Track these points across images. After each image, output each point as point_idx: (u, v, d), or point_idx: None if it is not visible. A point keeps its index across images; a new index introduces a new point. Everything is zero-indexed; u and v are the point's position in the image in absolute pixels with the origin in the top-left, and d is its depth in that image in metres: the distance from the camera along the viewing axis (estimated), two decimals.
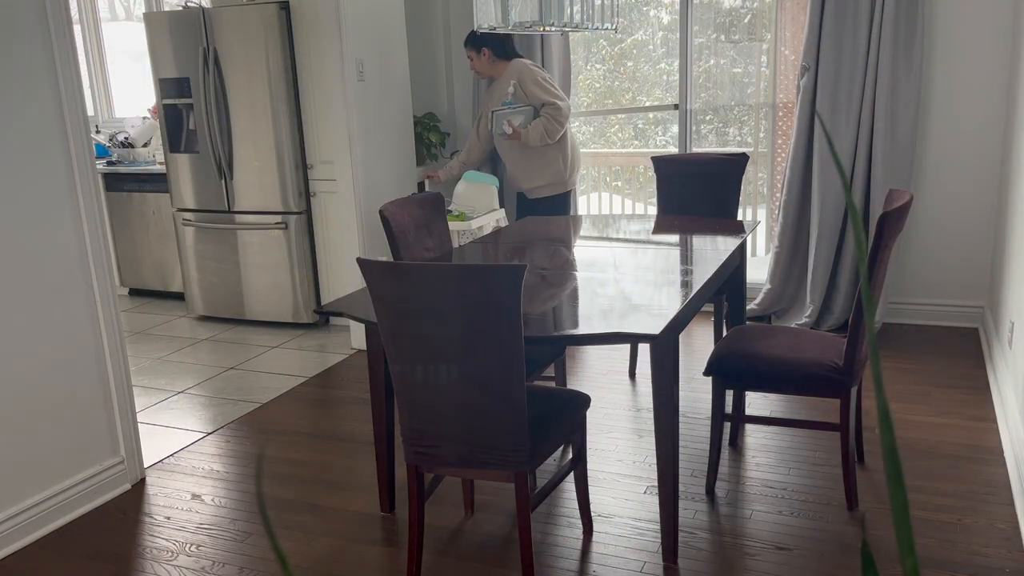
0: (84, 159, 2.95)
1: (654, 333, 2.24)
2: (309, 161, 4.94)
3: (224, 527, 2.87)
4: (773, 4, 5.32)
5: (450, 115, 5.51)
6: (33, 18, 2.78)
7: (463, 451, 2.30)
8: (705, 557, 2.56)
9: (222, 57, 4.84)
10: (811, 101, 4.45)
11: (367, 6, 4.46)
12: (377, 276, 2.18)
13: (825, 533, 2.65)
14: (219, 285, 5.24)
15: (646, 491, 2.97)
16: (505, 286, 2.07)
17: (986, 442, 3.19)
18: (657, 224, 3.82)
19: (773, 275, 4.71)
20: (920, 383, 3.79)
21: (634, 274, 2.91)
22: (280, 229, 4.95)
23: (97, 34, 6.57)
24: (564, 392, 2.62)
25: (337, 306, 2.70)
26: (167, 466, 3.36)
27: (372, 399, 2.83)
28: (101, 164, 5.91)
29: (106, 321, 3.06)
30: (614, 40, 5.96)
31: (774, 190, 5.67)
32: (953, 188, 4.42)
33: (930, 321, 4.58)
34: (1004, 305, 3.67)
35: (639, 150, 6.50)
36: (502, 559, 2.60)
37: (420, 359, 2.23)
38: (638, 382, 4.00)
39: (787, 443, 3.27)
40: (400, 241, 3.18)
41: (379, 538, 2.76)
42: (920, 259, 4.55)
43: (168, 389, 4.20)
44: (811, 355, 2.77)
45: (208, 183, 5.11)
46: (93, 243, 3.00)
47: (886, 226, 2.54)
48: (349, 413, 3.80)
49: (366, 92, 4.49)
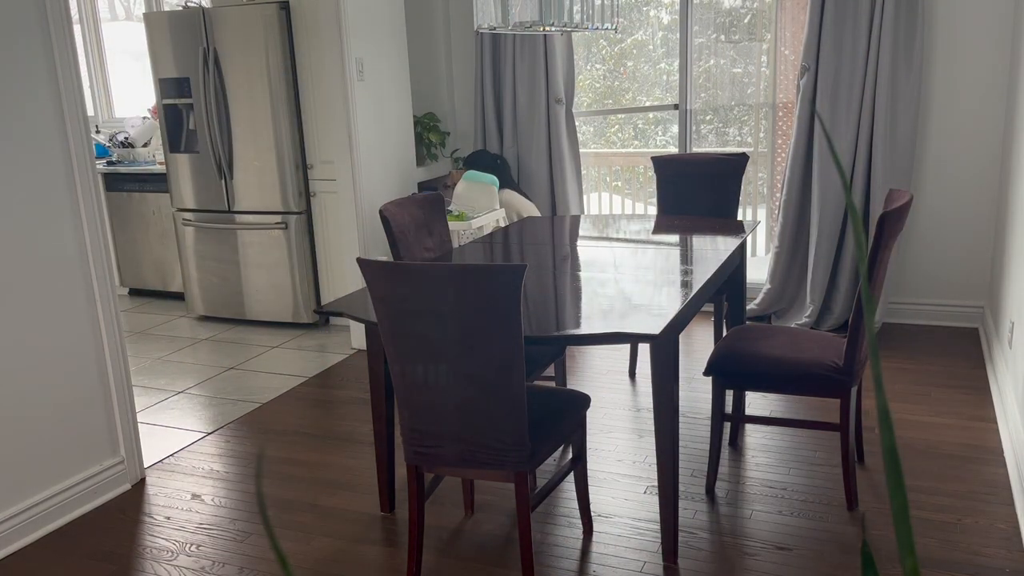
0: (84, 159, 2.95)
1: (654, 333, 2.24)
2: (309, 161, 4.94)
3: (224, 527, 2.87)
4: (773, 4, 5.32)
5: (450, 115, 5.51)
6: (33, 18, 2.78)
7: (463, 451, 2.30)
8: (705, 557, 2.56)
9: (222, 57, 4.84)
10: (811, 101, 4.45)
11: (367, 6, 4.46)
12: (377, 276, 2.18)
13: (825, 533, 2.65)
14: (219, 285, 5.24)
15: (646, 491, 2.97)
16: (505, 286, 2.07)
17: (986, 442, 3.19)
18: (657, 224, 3.82)
19: (773, 275, 4.71)
20: (920, 383, 3.79)
21: (634, 274, 2.91)
22: (280, 229, 4.95)
23: (97, 34, 6.57)
24: (564, 392, 2.62)
25: (337, 306, 2.70)
26: (167, 466, 3.36)
27: (372, 399, 2.83)
28: (101, 164, 5.91)
29: (106, 321, 3.06)
30: (614, 40, 5.96)
31: (774, 190, 5.67)
32: (953, 188, 4.42)
33: (930, 321, 4.58)
34: (1004, 305, 3.67)
35: (639, 150, 6.50)
36: (502, 559, 2.60)
37: (420, 359, 2.23)
38: (638, 382, 4.00)
39: (787, 443, 3.27)
40: (400, 241, 3.18)
41: (379, 538, 2.76)
42: (920, 259, 4.55)
43: (168, 389, 4.20)
44: (811, 355, 2.77)
45: (208, 183, 5.11)
46: (93, 243, 3.00)
47: (886, 226, 2.54)
48: (349, 413, 3.80)
49: (366, 92, 4.49)
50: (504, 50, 5.15)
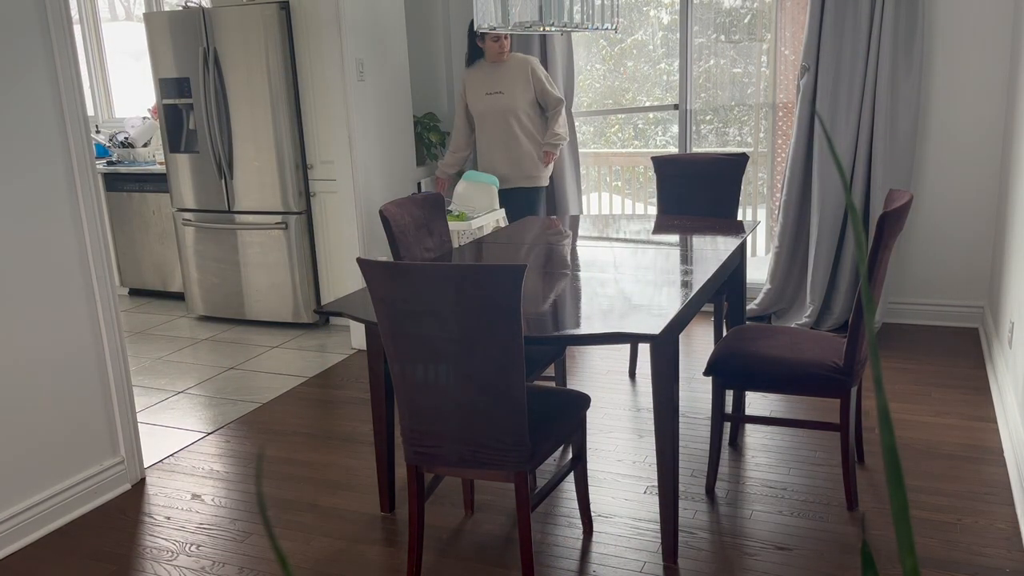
0: (84, 159, 2.95)
1: (654, 333, 2.24)
2: (309, 161, 4.94)
3: (224, 527, 2.87)
4: (773, 4, 5.32)
5: (450, 115, 5.51)
6: (33, 18, 2.78)
7: (463, 451, 2.30)
8: (705, 557, 2.56)
9: (222, 57, 4.84)
10: (811, 101, 4.45)
11: (367, 6, 4.46)
12: (377, 276, 2.18)
13: (825, 533, 2.65)
14: (219, 285, 5.24)
15: (646, 491, 2.97)
16: (505, 286, 2.07)
17: (986, 442, 3.19)
18: (657, 224, 3.82)
19: (773, 275, 4.71)
20: (920, 383, 3.79)
21: (634, 274, 2.91)
22: (280, 229, 4.96)
23: (97, 34, 6.57)
24: (564, 392, 2.62)
25: (337, 306, 2.70)
26: (167, 466, 3.36)
27: (372, 399, 2.83)
28: (101, 164, 5.91)
29: (106, 321, 3.06)
30: (614, 40, 5.96)
31: (774, 190, 5.67)
32: (953, 188, 4.42)
33: (930, 321, 4.58)
34: (1004, 305, 3.67)
35: (639, 150, 6.50)
36: (502, 559, 2.60)
37: (420, 359, 2.23)
38: (638, 382, 4.00)
39: (787, 443, 3.27)
40: (400, 241, 3.18)
41: (379, 538, 2.76)
42: (920, 259, 4.55)
43: (168, 389, 4.20)
44: (811, 355, 2.77)
45: (208, 183, 5.11)
46: (93, 243, 3.00)
47: (886, 226, 2.54)
48: (349, 413, 3.80)
49: (366, 92, 4.49)
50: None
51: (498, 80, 4.66)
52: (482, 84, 4.70)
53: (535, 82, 4.64)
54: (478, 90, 4.71)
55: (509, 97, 4.64)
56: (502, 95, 4.65)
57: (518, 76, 4.63)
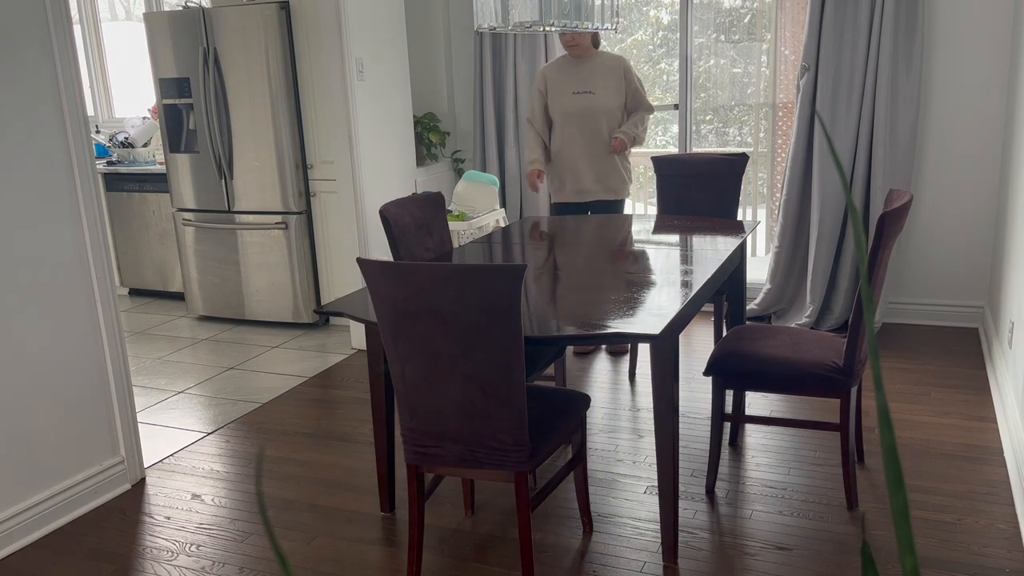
0: (84, 159, 2.95)
1: (654, 333, 2.24)
2: (309, 161, 4.94)
3: (224, 527, 2.87)
4: (773, 4, 5.32)
5: (450, 115, 5.51)
6: (33, 18, 2.78)
7: (463, 451, 2.30)
8: (705, 557, 2.56)
9: (222, 57, 4.84)
10: (811, 101, 4.45)
11: (367, 6, 4.46)
12: (377, 276, 2.18)
13: (825, 533, 2.65)
14: (219, 285, 5.24)
15: (646, 491, 2.97)
16: (505, 286, 2.07)
17: (986, 442, 3.19)
18: (657, 224, 3.82)
19: (773, 275, 4.71)
20: (920, 383, 3.79)
21: (634, 274, 2.91)
22: (280, 229, 4.95)
23: (97, 34, 6.57)
24: (564, 392, 2.62)
25: (337, 306, 2.70)
26: (167, 466, 3.36)
27: (372, 399, 2.83)
28: (101, 164, 5.91)
29: (106, 321, 3.06)
30: (614, 40, 5.96)
31: (774, 190, 5.67)
32: (953, 188, 4.42)
33: (930, 321, 4.58)
34: (1004, 305, 3.67)
35: (639, 150, 6.49)
36: (502, 559, 2.60)
37: (420, 359, 2.23)
38: (638, 382, 4.00)
39: (787, 443, 3.27)
40: (400, 241, 3.18)
41: (379, 538, 2.76)
42: (920, 259, 4.55)
43: (168, 389, 4.20)
44: (811, 355, 2.77)
45: (208, 183, 5.11)
46: (93, 243, 3.00)
47: (886, 226, 2.54)
48: (349, 413, 3.80)
49: (366, 92, 4.49)
50: (504, 50, 5.15)
51: (587, 78, 4.15)
52: (568, 82, 4.18)
53: (627, 84, 4.17)
54: (563, 88, 4.18)
55: (601, 98, 4.13)
56: (592, 95, 4.13)
57: (611, 76, 4.15)
